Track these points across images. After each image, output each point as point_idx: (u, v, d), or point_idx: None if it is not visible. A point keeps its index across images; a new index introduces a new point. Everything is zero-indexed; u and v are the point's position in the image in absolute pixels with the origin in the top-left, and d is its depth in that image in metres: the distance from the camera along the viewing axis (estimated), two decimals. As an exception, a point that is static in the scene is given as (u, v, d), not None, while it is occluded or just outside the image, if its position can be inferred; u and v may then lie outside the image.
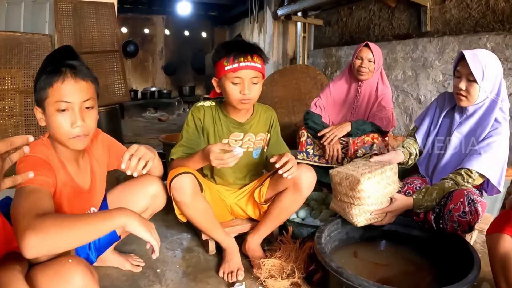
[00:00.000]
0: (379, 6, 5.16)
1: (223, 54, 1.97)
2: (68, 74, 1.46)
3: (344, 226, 2.12)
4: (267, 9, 7.61)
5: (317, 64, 6.35)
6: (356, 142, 2.90)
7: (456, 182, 2.04)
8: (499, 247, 1.51)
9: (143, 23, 11.07)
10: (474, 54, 2.01)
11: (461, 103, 2.11)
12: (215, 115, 2.19)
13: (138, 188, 1.93)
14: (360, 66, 2.99)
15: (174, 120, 9.47)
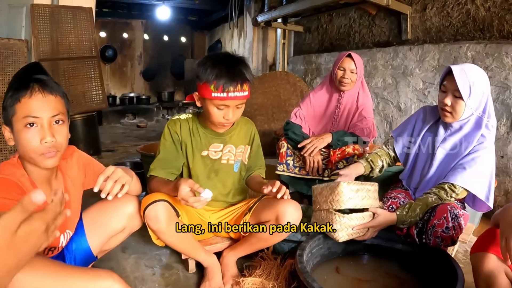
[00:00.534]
0: (360, 13, 5.14)
1: (212, 78, 1.86)
2: (36, 88, 1.40)
3: (326, 241, 2.06)
4: (247, 14, 7.56)
5: (297, 70, 6.32)
6: (337, 153, 2.84)
7: (440, 197, 2.01)
8: (483, 266, 1.48)
9: (122, 28, 10.87)
10: (462, 70, 1.96)
11: (445, 119, 2.07)
12: (193, 127, 2.12)
13: (114, 208, 1.85)
14: (342, 77, 2.93)
15: (153, 127, 9.32)
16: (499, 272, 1.43)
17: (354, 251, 2.14)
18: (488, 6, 3.55)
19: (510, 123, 3.26)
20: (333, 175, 2.79)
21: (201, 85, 1.91)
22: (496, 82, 3.35)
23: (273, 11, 5.67)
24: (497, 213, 1.54)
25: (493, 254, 1.45)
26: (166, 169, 2.06)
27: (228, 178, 2.21)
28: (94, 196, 1.69)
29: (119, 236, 1.92)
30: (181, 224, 1.94)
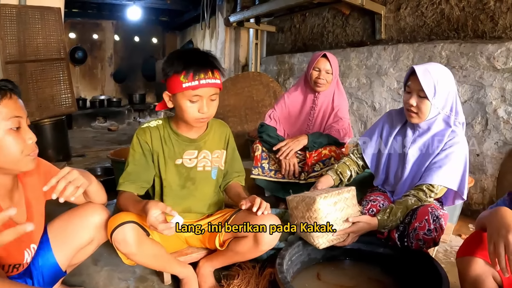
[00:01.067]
0: (333, 13, 5.10)
1: (180, 68, 1.75)
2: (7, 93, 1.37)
3: (306, 248, 2.00)
4: (219, 15, 7.46)
5: (270, 71, 6.25)
6: (313, 155, 2.78)
7: (419, 198, 1.97)
8: (470, 271, 1.42)
9: (92, 29, 10.61)
10: (426, 70, 1.93)
11: (411, 120, 2.04)
12: (164, 135, 1.98)
13: (80, 218, 1.73)
14: (317, 77, 2.86)
15: (124, 130, 9.15)
16: (486, 277, 1.38)
17: (334, 256, 2.08)
18: (463, 6, 3.55)
19: (485, 122, 3.26)
20: (309, 178, 2.73)
21: (170, 79, 1.79)
22: (470, 81, 3.35)
23: (245, 11, 5.59)
24: (482, 216, 1.50)
25: (480, 259, 1.40)
26: (136, 183, 1.93)
27: (205, 186, 2.09)
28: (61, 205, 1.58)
29: (88, 248, 1.80)
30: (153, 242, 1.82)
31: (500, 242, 1.22)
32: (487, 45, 3.23)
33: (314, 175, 2.72)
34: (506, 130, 3.15)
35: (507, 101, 3.13)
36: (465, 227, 3.09)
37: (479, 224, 1.52)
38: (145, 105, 10.72)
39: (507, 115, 3.13)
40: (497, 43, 3.18)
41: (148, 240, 1.79)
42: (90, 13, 10.35)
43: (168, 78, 1.81)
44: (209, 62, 1.80)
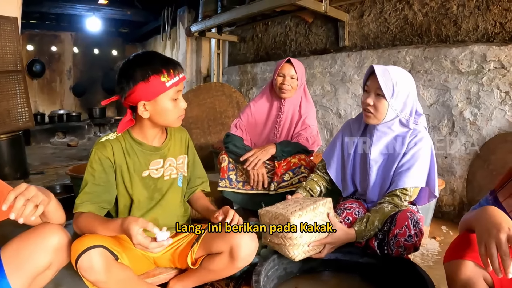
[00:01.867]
0: (296, 21, 5.09)
1: (159, 68, 1.66)
2: None
3: (281, 262, 1.90)
4: (180, 25, 7.37)
5: (232, 81, 6.19)
6: (282, 165, 2.68)
7: (395, 204, 1.92)
8: (460, 274, 1.35)
9: (51, 41, 10.28)
10: (386, 70, 1.90)
11: (368, 120, 1.98)
12: (126, 146, 1.82)
13: (36, 240, 1.55)
14: (282, 83, 2.78)
15: (84, 145, 8.86)
16: (477, 279, 1.32)
17: (312, 268, 1.98)
18: (426, 11, 3.58)
19: (452, 124, 3.28)
20: (279, 188, 2.64)
21: (147, 83, 1.65)
22: (435, 85, 3.37)
23: (207, 20, 5.50)
24: (467, 217, 1.45)
25: (470, 261, 1.34)
26: (96, 203, 1.75)
27: (172, 195, 1.95)
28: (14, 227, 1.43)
29: (46, 273, 1.60)
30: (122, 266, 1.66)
31: (491, 242, 1.16)
32: (451, 49, 3.26)
33: (284, 185, 2.63)
34: (473, 131, 3.17)
35: (472, 103, 3.15)
36: (438, 229, 3.08)
37: (464, 226, 1.46)
38: (105, 120, 10.45)
39: (473, 116, 3.15)
40: (461, 46, 3.21)
41: (117, 265, 1.63)
42: (49, 24, 10.07)
43: (143, 83, 1.66)
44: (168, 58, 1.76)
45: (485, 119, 3.11)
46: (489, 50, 3.06)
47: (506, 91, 3.00)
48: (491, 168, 2.99)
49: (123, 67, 1.72)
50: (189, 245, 1.87)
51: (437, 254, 2.58)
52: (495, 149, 2.99)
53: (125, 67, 1.71)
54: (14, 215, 1.26)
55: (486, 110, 3.10)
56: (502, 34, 3.13)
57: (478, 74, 3.13)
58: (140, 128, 1.83)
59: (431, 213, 2.95)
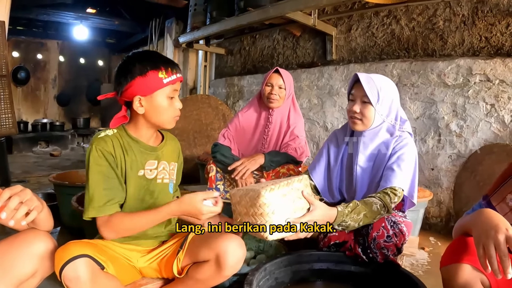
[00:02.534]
0: (284, 35, 5.14)
1: (157, 65, 1.66)
2: None
3: (272, 271, 1.87)
4: (168, 37, 7.37)
5: (219, 94, 6.19)
6: (271, 175, 2.68)
7: (385, 202, 1.85)
8: (458, 278, 1.35)
9: (37, 48, 10.19)
10: (369, 77, 1.93)
11: (356, 127, 1.98)
12: (124, 143, 1.76)
13: (21, 247, 1.46)
14: (270, 93, 2.79)
15: (67, 155, 8.74)
16: (475, 283, 1.33)
17: (303, 278, 1.96)
18: (413, 26, 3.65)
19: (438, 136, 3.33)
20: None
21: (145, 78, 1.64)
22: (422, 98, 3.42)
23: (196, 31, 5.51)
24: (462, 222, 1.45)
25: (467, 264, 1.34)
26: (118, 201, 1.70)
27: (163, 200, 1.86)
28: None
29: (30, 282, 1.51)
30: (108, 276, 1.58)
31: (489, 244, 1.17)
32: (438, 63, 3.32)
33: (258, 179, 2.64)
34: (459, 143, 3.22)
35: (458, 115, 3.21)
36: (426, 240, 3.09)
37: (459, 230, 1.47)
38: (89, 130, 10.33)
39: (459, 129, 3.20)
40: (447, 60, 3.27)
41: (103, 275, 1.56)
42: (35, 31, 9.97)
43: (141, 77, 1.65)
44: (167, 57, 1.78)
45: (471, 131, 3.16)
46: (474, 63, 3.12)
47: (492, 103, 3.06)
48: (478, 179, 3.03)
49: (123, 63, 1.71)
50: (175, 253, 1.81)
51: (427, 264, 2.59)
52: (482, 160, 3.04)
53: (124, 62, 1.71)
54: (5, 215, 1.21)
55: (472, 122, 3.15)
56: (488, 48, 3.20)
57: (464, 87, 3.19)
58: (135, 126, 1.79)
59: (419, 225, 2.98)
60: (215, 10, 5.20)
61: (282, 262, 1.91)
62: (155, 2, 6.73)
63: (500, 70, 3.03)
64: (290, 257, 1.94)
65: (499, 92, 3.04)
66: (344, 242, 1.94)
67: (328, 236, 1.95)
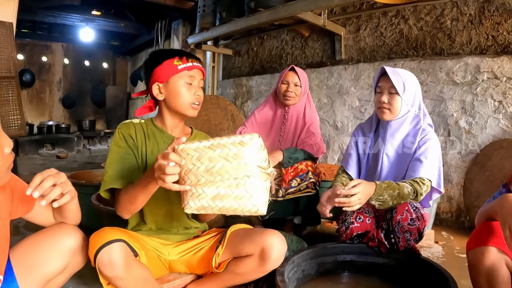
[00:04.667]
0: (292, 35, 5.22)
1: (172, 54, 1.81)
2: None
3: (299, 264, 1.95)
4: (175, 38, 7.46)
5: (227, 94, 6.27)
6: (289, 171, 2.75)
7: (415, 188, 1.99)
8: (484, 260, 1.45)
9: (41, 51, 10.26)
10: (394, 70, 2.08)
11: (384, 116, 2.12)
12: (148, 131, 1.87)
13: (51, 242, 1.44)
14: (286, 90, 2.89)
15: (74, 157, 8.79)
16: (500, 263, 1.42)
17: (328, 270, 2.05)
18: (421, 25, 3.73)
19: (448, 133, 3.42)
20: (287, 195, 2.72)
21: (161, 67, 1.80)
22: (431, 96, 3.51)
23: (205, 32, 5.59)
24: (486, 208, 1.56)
25: (493, 247, 1.44)
26: (126, 179, 1.72)
27: None
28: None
29: (59, 278, 1.50)
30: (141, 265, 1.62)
31: None
32: (446, 61, 3.41)
33: (292, 191, 2.70)
34: (468, 139, 3.31)
35: (467, 112, 3.30)
36: (439, 234, 3.18)
37: (483, 216, 1.57)
38: (95, 132, 10.38)
39: (468, 125, 3.30)
40: (455, 58, 3.36)
41: (136, 263, 1.59)
42: (40, 34, 10.05)
43: (159, 66, 1.81)
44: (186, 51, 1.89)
45: (480, 128, 3.25)
46: (482, 61, 3.22)
47: (499, 100, 3.15)
48: (487, 174, 3.11)
49: (144, 62, 1.89)
50: (212, 249, 1.85)
51: (442, 257, 2.68)
52: (491, 156, 3.13)
53: (145, 61, 1.88)
54: (37, 194, 1.21)
55: (481, 119, 3.25)
56: (495, 46, 3.29)
57: (472, 84, 3.28)
58: (160, 116, 1.91)
59: (432, 219, 3.07)
60: (224, 11, 5.28)
61: (308, 255, 2.01)
62: (161, 3, 6.80)
63: (507, 68, 3.12)
64: (316, 249, 2.03)
65: (507, 89, 3.13)
66: (366, 232, 2.04)
67: (350, 228, 2.05)
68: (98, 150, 9.01)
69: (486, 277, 1.45)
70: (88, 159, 7.93)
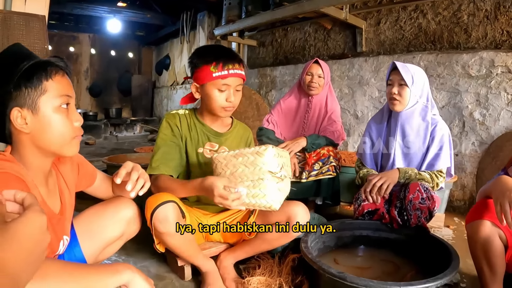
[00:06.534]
0: (315, 27, 5.41)
1: (211, 60, 1.90)
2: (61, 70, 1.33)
3: (320, 236, 2.20)
4: (200, 29, 7.69)
5: (251, 84, 6.47)
6: (312, 156, 2.99)
7: (432, 177, 2.28)
8: (480, 233, 1.68)
9: (69, 41, 10.69)
10: (404, 65, 2.31)
11: (395, 107, 2.34)
12: (191, 123, 2.08)
13: (111, 212, 1.71)
14: (310, 81, 3.11)
15: (101, 144, 9.10)
16: (494, 236, 1.65)
17: (346, 244, 2.29)
18: (439, 20, 3.90)
19: (462, 124, 3.59)
20: (310, 177, 2.94)
21: (199, 70, 1.92)
22: (448, 88, 3.69)
23: (231, 24, 5.81)
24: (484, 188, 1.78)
25: (488, 220, 1.67)
26: (171, 166, 1.95)
27: None
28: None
29: (116, 244, 1.77)
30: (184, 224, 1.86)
31: (505, 202, 1.49)
32: (462, 55, 3.58)
33: (314, 174, 2.93)
34: (482, 131, 3.48)
35: (481, 105, 3.47)
36: (451, 220, 3.37)
37: (482, 194, 1.80)
38: (121, 120, 10.69)
39: (482, 117, 3.47)
40: (471, 52, 3.53)
41: (183, 222, 1.83)
42: (67, 25, 10.42)
43: (197, 69, 1.94)
44: (235, 54, 1.97)
45: (493, 120, 3.42)
46: (497, 56, 3.38)
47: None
48: (498, 164, 3.29)
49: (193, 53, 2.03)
50: (244, 218, 2.12)
51: (452, 239, 2.87)
52: (503, 147, 3.30)
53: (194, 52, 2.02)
54: (130, 187, 1.50)
55: (494, 111, 3.42)
56: (509, 41, 3.45)
57: (486, 78, 3.44)
58: (200, 110, 2.12)
59: (444, 205, 3.25)
60: (250, 4, 5.50)
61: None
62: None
63: (521, 62, 3.29)
64: (335, 224, 2.27)
65: (520, 82, 3.30)
66: (376, 210, 2.28)
67: (362, 205, 2.30)
68: (125, 137, 9.30)
69: (482, 248, 1.68)
70: (115, 145, 8.21)
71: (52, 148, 1.31)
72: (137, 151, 4.88)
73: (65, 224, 1.48)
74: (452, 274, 1.63)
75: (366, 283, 1.52)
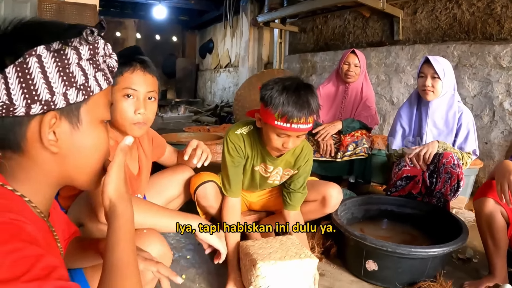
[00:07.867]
0: (354, 15, 5.61)
1: (277, 107, 1.74)
2: (138, 66, 1.61)
3: (350, 208, 2.50)
4: (243, 15, 7.94)
5: (293, 68, 6.71)
6: (347, 138, 3.25)
7: (463, 155, 2.55)
8: (484, 209, 1.97)
9: (115, 27, 11.19)
10: (435, 58, 2.56)
11: (428, 97, 2.59)
12: (253, 143, 2.08)
13: (173, 175, 2.12)
14: (347, 70, 3.36)
15: (149, 122, 9.57)
16: (496, 212, 1.93)
17: (372, 216, 2.59)
18: (473, 11, 4.06)
19: (493, 114, 3.77)
20: (344, 157, 3.21)
21: (265, 109, 1.80)
22: (479, 78, 3.86)
23: (273, 12, 6.08)
24: (491, 171, 2.04)
25: (491, 198, 1.94)
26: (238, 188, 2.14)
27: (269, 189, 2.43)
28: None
29: (176, 201, 2.15)
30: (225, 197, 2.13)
31: (504, 182, 1.76)
32: (494, 46, 3.73)
33: (348, 154, 3.20)
34: (511, 120, 3.65)
35: (511, 95, 3.63)
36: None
37: (489, 176, 2.06)
38: (166, 101, 11.04)
39: (511, 107, 3.64)
40: (503, 44, 3.68)
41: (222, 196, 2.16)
42: (114, 11, 10.93)
43: (264, 107, 1.82)
44: (306, 105, 1.77)
45: (522, 110, 3.60)
46: (528, 48, 3.53)
47: (542, 84, 3.48)
48: (525, 152, 3.47)
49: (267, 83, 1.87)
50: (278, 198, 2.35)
51: (473, 222, 3.05)
52: (529, 135, 3.48)
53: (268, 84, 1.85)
54: (196, 161, 1.91)
55: (524, 101, 3.58)
56: (541, 34, 3.59)
57: (517, 69, 3.61)
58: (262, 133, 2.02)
59: (469, 189, 3.47)
60: (291, -8, 5.73)
61: (357, 201, 2.57)
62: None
63: (551, 54, 3.44)
64: (364, 198, 2.59)
65: (549, 74, 3.45)
66: (413, 176, 2.57)
67: (402, 169, 2.60)
68: (170, 118, 9.72)
69: (486, 223, 1.96)
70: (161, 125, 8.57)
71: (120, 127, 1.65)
72: (186, 130, 5.23)
73: (140, 184, 1.84)
74: (458, 244, 1.91)
75: (382, 244, 1.83)
